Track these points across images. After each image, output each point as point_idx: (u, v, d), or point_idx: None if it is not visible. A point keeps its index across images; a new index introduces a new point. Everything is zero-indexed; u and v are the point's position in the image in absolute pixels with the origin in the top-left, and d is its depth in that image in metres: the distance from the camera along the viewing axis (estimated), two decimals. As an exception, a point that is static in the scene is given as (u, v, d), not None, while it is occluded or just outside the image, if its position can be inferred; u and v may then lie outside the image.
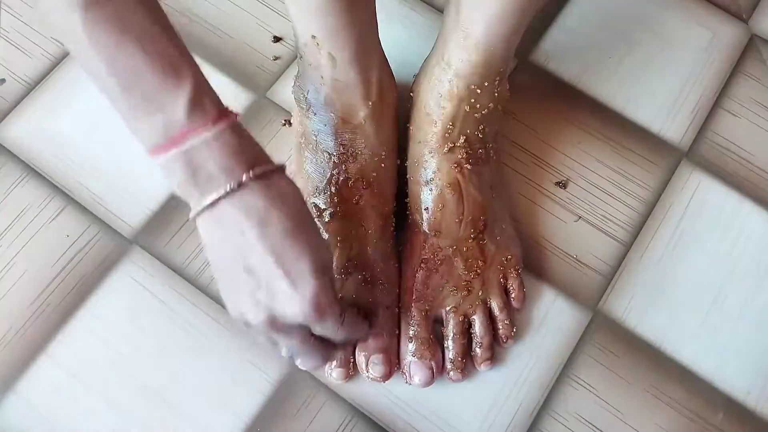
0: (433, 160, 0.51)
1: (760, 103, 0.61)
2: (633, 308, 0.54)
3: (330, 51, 0.47)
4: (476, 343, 0.51)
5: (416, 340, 0.50)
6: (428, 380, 0.49)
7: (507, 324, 0.51)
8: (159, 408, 0.51)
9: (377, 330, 0.49)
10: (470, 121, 0.51)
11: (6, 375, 0.51)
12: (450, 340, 0.50)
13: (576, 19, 0.64)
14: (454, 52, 0.49)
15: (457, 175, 0.51)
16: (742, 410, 0.51)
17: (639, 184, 0.58)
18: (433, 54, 0.53)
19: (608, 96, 0.61)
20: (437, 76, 0.51)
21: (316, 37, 0.47)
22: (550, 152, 0.59)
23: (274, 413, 0.51)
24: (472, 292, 0.50)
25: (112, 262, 0.55)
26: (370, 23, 0.49)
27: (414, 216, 0.52)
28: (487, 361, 0.51)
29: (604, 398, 0.51)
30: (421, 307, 0.50)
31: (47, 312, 0.53)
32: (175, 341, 0.52)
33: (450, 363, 0.50)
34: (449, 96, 0.50)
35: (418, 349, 0.49)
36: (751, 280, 0.55)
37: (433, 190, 0.51)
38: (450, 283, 0.50)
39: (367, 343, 0.49)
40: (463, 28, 0.48)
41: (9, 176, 0.57)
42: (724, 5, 0.65)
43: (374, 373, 0.49)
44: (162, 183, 0.57)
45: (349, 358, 0.50)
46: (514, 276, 0.52)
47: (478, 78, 0.50)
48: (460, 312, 0.50)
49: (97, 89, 0.36)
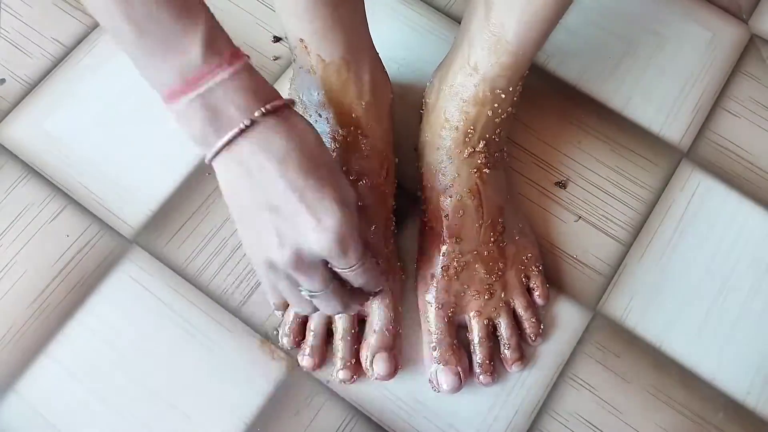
0: (452, 166, 0.51)
1: (760, 103, 0.62)
2: (633, 308, 0.54)
3: (319, 53, 0.47)
4: (504, 344, 0.51)
5: (440, 347, 0.49)
6: (456, 386, 0.49)
7: (534, 322, 0.51)
8: (159, 408, 0.51)
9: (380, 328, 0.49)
10: (490, 126, 0.51)
11: (6, 375, 0.51)
12: (476, 345, 0.50)
13: (576, 19, 0.64)
14: (482, 55, 0.48)
15: (476, 180, 0.51)
16: (741, 410, 0.51)
17: (639, 184, 0.58)
18: (455, 58, 0.51)
19: (608, 96, 0.61)
20: (461, 81, 0.50)
21: (303, 40, 0.47)
22: (550, 152, 0.59)
23: (274, 413, 0.51)
24: (495, 295, 0.50)
25: (112, 262, 0.55)
26: (358, 23, 0.49)
27: (432, 223, 0.52)
28: (518, 362, 0.51)
29: (604, 398, 0.51)
30: (443, 313, 0.50)
31: (47, 312, 0.53)
32: (175, 341, 0.52)
33: (478, 367, 0.50)
34: (473, 101, 0.50)
35: (443, 355, 0.49)
36: (751, 280, 0.55)
37: (453, 196, 0.50)
38: (472, 288, 0.50)
39: (371, 342, 0.49)
40: (494, 32, 0.46)
41: (9, 176, 0.57)
42: (724, 5, 0.65)
43: (378, 371, 0.49)
44: (162, 183, 0.57)
45: (352, 359, 0.50)
46: (535, 274, 0.52)
47: (505, 82, 0.49)
48: (484, 316, 0.50)
49: (113, 40, 0.36)
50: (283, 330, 0.51)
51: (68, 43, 0.62)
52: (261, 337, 0.52)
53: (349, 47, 0.48)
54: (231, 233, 0.55)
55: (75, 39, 0.62)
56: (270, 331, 0.53)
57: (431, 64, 0.56)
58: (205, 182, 0.57)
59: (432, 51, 0.58)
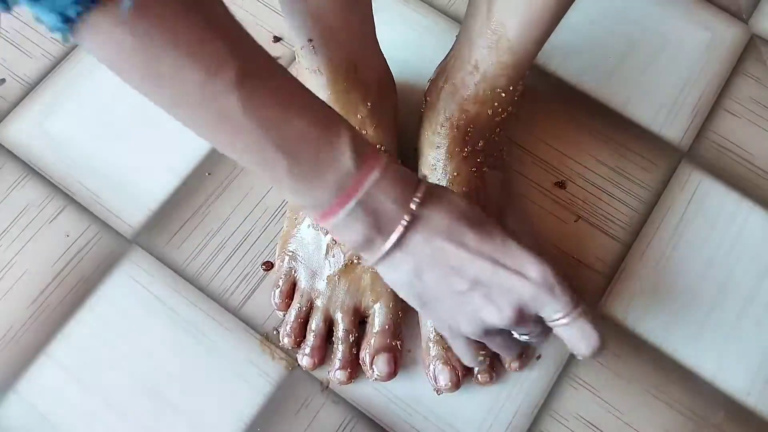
0: (451, 165, 0.51)
1: (760, 103, 0.62)
2: (633, 308, 0.54)
3: (327, 54, 0.47)
4: None
5: (438, 344, 0.50)
6: (455, 383, 0.49)
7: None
8: (159, 408, 0.51)
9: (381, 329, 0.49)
10: (491, 125, 0.51)
11: (6, 375, 0.51)
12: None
13: (576, 19, 0.64)
14: (483, 54, 0.48)
15: (476, 180, 0.51)
16: (742, 410, 0.51)
17: (639, 184, 0.58)
18: (455, 57, 0.51)
19: (608, 96, 0.61)
20: (461, 79, 0.50)
21: (312, 40, 0.47)
22: (550, 152, 0.59)
23: (274, 413, 0.51)
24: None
25: (112, 262, 0.55)
26: (366, 25, 0.49)
27: None
28: (516, 362, 0.51)
29: (604, 398, 0.51)
30: None
31: (47, 312, 0.53)
32: (175, 341, 0.52)
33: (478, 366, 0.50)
34: (474, 100, 0.50)
35: (440, 352, 0.49)
36: (751, 280, 0.55)
37: None
38: None
39: (372, 342, 0.49)
40: (495, 31, 0.46)
41: (9, 176, 0.57)
42: (724, 5, 0.65)
43: (379, 371, 0.49)
44: (162, 183, 0.57)
45: (351, 360, 0.50)
46: None
47: (505, 81, 0.49)
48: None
49: (262, 177, 0.34)
50: (285, 330, 0.51)
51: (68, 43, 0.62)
52: (261, 337, 0.52)
53: (356, 49, 0.48)
54: (231, 233, 0.55)
55: (75, 39, 0.62)
56: (270, 331, 0.53)
57: (432, 63, 0.56)
58: (205, 182, 0.57)
59: (432, 51, 0.58)
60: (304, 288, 0.51)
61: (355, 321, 0.50)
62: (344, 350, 0.50)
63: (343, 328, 0.50)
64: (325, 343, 0.51)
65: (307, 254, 0.51)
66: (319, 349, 0.50)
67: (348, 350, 0.50)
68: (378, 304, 0.50)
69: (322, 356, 0.51)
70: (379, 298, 0.50)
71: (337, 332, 0.50)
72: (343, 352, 0.50)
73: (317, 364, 0.50)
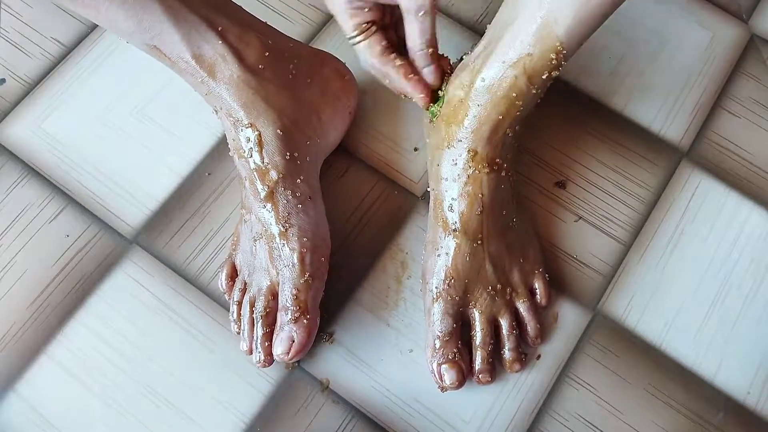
0: (462, 160, 0.50)
1: (760, 103, 0.61)
2: (633, 308, 0.54)
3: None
4: (505, 345, 0.51)
5: (444, 342, 0.49)
6: (460, 381, 0.49)
7: (535, 324, 0.51)
8: (159, 408, 0.51)
9: (284, 303, 0.49)
10: (512, 123, 0.50)
11: (6, 375, 0.51)
12: (479, 343, 0.50)
13: (576, 19, 0.64)
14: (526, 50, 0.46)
15: (485, 179, 0.50)
16: (741, 410, 0.51)
17: (639, 184, 0.58)
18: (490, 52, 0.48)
19: (608, 96, 0.61)
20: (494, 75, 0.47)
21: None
22: (550, 152, 0.59)
23: (274, 413, 0.51)
24: (498, 294, 0.50)
25: (112, 262, 0.55)
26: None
27: (439, 220, 0.51)
28: (517, 363, 0.51)
29: (604, 398, 0.51)
30: (448, 309, 0.50)
31: (47, 312, 0.53)
32: (175, 341, 0.52)
33: (479, 366, 0.50)
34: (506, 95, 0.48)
35: (446, 350, 0.49)
36: (751, 280, 0.55)
37: (462, 192, 0.50)
38: (477, 286, 0.50)
39: (279, 321, 0.49)
40: (544, 26, 0.45)
41: (9, 176, 0.57)
42: (724, 5, 0.65)
43: (279, 352, 0.48)
44: (162, 183, 0.57)
45: (266, 342, 0.49)
46: (538, 274, 0.52)
47: (542, 79, 0.47)
48: (487, 314, 0.50)
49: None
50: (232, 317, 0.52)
51: (68, 43, 0.62)
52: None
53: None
54: (231, 233, 0.55)
55: (75, 39, 0.62)
56: (270, 331, 0.53)
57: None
58: (205, 182, 0.57)
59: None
60: (240, 277, 0.52)
61: (270, 298, 0.49)
62: (258, 331, 0.50)
63: (258, 309, 0.50)
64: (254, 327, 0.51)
65: (244, 247, 0.52)
66: (249, 332, 0.50)
67: (262, 330, 0.49)
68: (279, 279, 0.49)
69: (251, 341, 0.50)
70: (278, 274, 0.49)
71: (255, 313, 0.50)
72: (257, 333, 0.50)
73: (250, 349, 0.50)
